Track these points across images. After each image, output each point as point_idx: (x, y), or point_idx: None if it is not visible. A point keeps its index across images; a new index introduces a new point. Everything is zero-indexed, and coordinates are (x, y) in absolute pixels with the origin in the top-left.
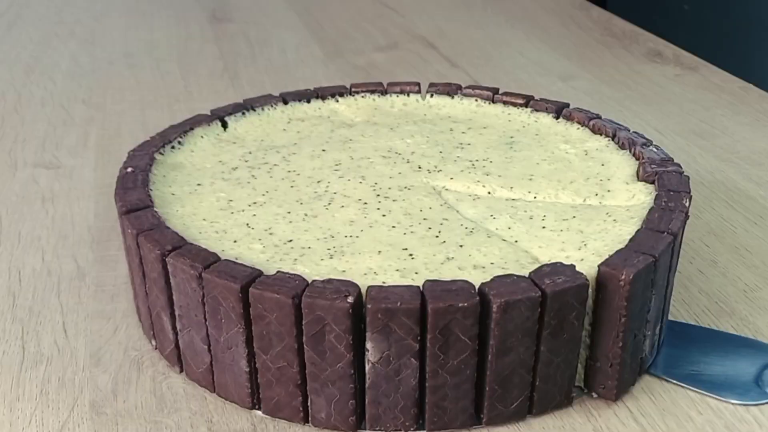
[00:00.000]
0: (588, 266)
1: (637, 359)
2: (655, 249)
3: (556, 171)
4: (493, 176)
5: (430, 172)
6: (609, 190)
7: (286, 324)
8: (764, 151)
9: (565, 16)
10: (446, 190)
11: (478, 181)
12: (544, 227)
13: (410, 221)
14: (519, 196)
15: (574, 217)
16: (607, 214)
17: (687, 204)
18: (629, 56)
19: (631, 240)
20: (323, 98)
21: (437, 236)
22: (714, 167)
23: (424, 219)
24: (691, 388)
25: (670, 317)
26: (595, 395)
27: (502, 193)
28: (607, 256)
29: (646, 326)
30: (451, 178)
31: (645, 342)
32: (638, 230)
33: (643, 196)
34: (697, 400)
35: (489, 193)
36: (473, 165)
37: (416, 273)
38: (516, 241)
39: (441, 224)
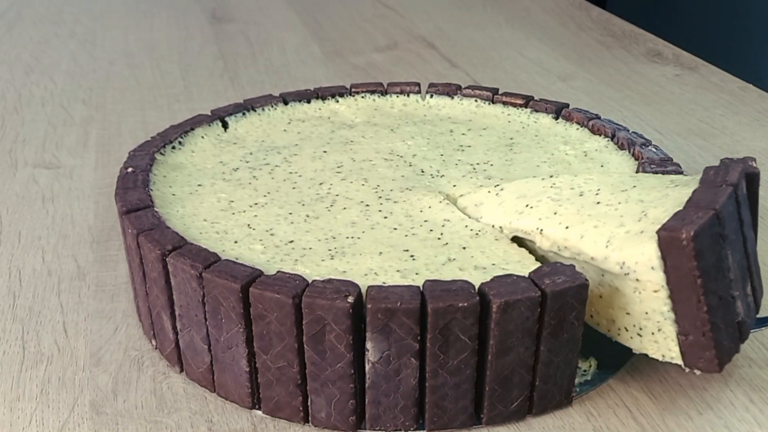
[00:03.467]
0: (648, 237)
1: (733, 323)
2: (715, 202)
3: (557, 173)
4: (494, 179)
5: (433, 177)
6: None
7: (286, 324)
8: (764, 151)
9: (565, 16)
10: (454, 187)
11: (481, 186)
12: (598, 203)
13: (411, 223)
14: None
15: (634, 186)
16: (671, 181)
17: (752, 163)
18: (629, 56)
19: (689, 200)
20: (323, 98)
21: (439, 238)
22: None
23: (425, 221)
24: None
25: None
26: (698, 372)
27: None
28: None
29: (732, 285)
30: (454, 185)
31: (736, 303)
32: (695, 189)
33: None
34: (697, 400)
35: (502, 189)
36: (474, 169)
37: (417, 274)
38: (567, 228)
39: (443, 226)
